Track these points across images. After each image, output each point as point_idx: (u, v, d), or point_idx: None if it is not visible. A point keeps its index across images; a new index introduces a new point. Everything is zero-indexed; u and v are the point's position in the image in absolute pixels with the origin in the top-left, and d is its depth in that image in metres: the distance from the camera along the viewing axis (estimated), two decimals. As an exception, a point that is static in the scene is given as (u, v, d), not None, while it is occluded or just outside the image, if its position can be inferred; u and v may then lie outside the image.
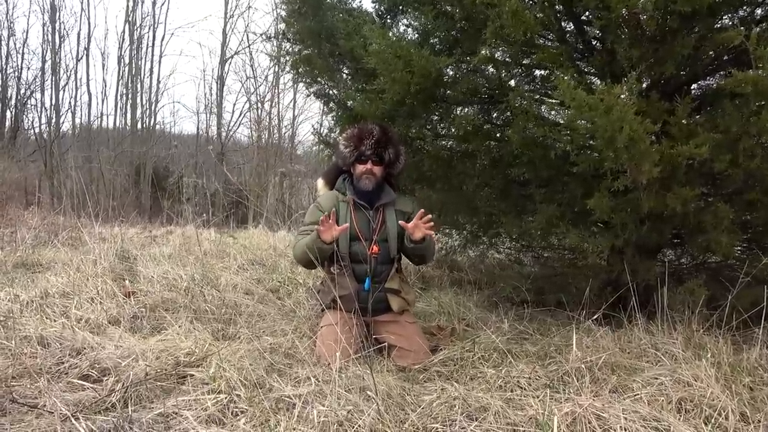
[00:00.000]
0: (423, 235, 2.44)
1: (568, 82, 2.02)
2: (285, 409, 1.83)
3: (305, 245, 2.46)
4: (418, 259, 2.70)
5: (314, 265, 2.56)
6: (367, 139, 2.51)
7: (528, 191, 3.03)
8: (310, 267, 2.64)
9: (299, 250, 2.53)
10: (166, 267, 3.68)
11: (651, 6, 1.99)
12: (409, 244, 2.50)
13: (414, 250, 2.53)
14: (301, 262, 2.59)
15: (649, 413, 1.78)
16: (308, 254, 2.43)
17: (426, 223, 2.42)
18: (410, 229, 2.45)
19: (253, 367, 2.13)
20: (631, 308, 2.56)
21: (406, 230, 2.46)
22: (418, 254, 2.60)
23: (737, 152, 2.14)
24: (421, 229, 2.43)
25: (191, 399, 1.90)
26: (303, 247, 2.48)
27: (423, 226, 2.43)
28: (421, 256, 2.63)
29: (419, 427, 1.76)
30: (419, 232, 2.44)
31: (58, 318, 2.65)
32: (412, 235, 2.45)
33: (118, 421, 1.64)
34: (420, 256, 2.64)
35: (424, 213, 2.43)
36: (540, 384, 2.13)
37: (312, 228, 2.48)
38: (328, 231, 2.39)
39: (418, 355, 2.48)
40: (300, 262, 2.59)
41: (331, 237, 2.40)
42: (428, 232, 2.43)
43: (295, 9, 3.27)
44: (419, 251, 2.55)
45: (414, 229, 2.44)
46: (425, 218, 2.42)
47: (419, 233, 2.44)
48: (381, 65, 2.57)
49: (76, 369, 2.13)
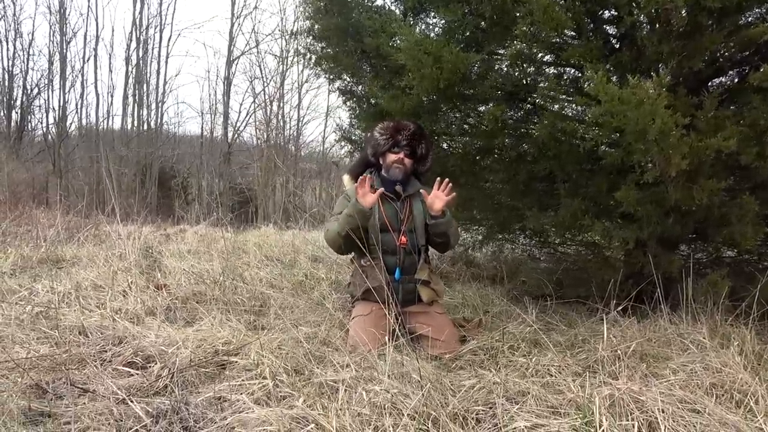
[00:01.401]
0: (443, 206, 2.48)
1: (600, 77, 2.07)
2: (330, 393, 1.88)
3: (344, 215, 2.50)
4: (442, 241, 2.65)
5: (347, 249, 2.59)
6: (404, 131, 2.59)
7: (550, 186, 3.09)
8: (344, 250, 2.65)
9: (336, 227, 2.54)
10: (191, 262, 3.74)
11: (682, 2, 2.05)
12: (430, 221, 2.53)
13: (436, 227, 2.54)
14: (335, 242, 2.58)
15: (685, 396, 1.83)
16: (345, 228, 2.45)
17: (445, 189, 2.45)
18: (430, 201, 2.49)
19: (292, 355, 2.19)
20: (655, 300, 2.62)
21: (426, 203, 2.51)
22: (440, 232, 2.57)
23: (764, 145, 2.20)
24: (441, 198, 2.47)
25: (237, 384, 1.96)
26: (341, 219, 2.51)
27: (442, 195, 2.47)
28: (444, 235, 2.60)
29: (462, 410, 1.81)
30: (439, 202, 2.47)
31: (94, 309, 2.71)
32: (432, 207, 2.49)
33: (174, 403, 1.70)
34: (442, 235, 2.60)
35: (441, 181, 2.47)
36: (571, 372, 2.18)
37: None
38: (366, 195, 2.44)
39: (449, 345, 2.53)
40: (335, 242, 2.59)
41: (370, 201, 2.45)
42: (447, 198, 2.46)
43: (321, 7, 3.32)
44: (441, 227, 2.55)
45: (434, 200, 2.48)
46: (443, 184, 2.46)
47: (439, 203, 2.47)
48: (410, 61, 2.63)
49: (120, 357, 2.18)
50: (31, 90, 15.07)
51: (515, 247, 4.64)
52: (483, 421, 1.76)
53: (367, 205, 2.44)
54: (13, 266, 3.78)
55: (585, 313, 3.06)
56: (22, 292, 2.97)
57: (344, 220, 2.49)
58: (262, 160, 13.16)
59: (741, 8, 2.28)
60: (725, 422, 1.69)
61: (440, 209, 2.49)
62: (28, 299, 2.86)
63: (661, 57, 2.24)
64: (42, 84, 14.89)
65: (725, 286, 2.57)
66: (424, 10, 3.20)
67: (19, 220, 6.05)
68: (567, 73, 2.98)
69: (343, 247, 2.60)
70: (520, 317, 2.88)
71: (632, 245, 2.67)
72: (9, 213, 6.25)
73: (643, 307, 2.70)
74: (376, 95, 3.21)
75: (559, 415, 1.77)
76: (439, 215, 2.51)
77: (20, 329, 2.38)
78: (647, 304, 2.68)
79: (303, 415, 1.64)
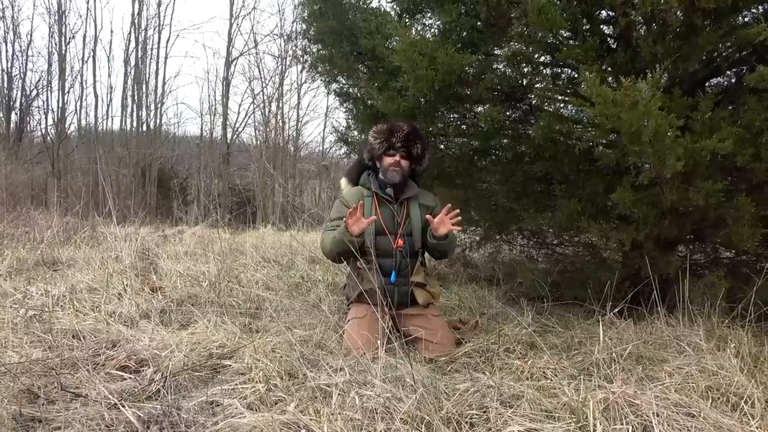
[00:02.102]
0: (447, 232, 2.48)
1: (594, 78, 2.06)
2: (323, 398, 1.87)
3: (333, 238, 2.50)
4: (440, 254, 2.73)
5: (342, 259, 2.61)
6: (398, 133, 2.57)
7: (547, 187, 3.08)
8: (338, 261, 2.68)
9: (328, 245, 2.57)
10: (187, 264, 3.73)
11: (677, 3, 2.04)
12: (432, 240, 2.54)
13: (437, 245, 2.57)
14: (329, 256, 2.63)
15: (680, 399, 1.82)
16: (337, 248, 2.48)
17: (453, 218, 2.46)
18: (435, 224, 2.48)
19: (286, 358, 2.18)
20: (652, 301, 2.61)
21: (431, 225, 2.50)
22: (440, 249, 2.63)
23: (759, 146, 2.19)
24: (446, 224, 2.47)
25: (230, 388, 1.95)
26: (331, 241, 2.52)
27: (448, 222, 2.46)
28: (443, 251, 2.67)
29: (456, 414, 1.80)
30: (444, 228, 2.47)
31: (89, 312, 2.69)
32: (437, 231, 2.49)
33: (165, 408, 1.69)
34: (442, 251, 2.67)
35: (451, 208, 2.47)
36: (566, 374, 2.17)
37: (338, 223, 2.53)
38: (356, 223, 2.43)
39: (444, 347, 2.52)
40: (329, 256, 2.64)
41: (359, 229, 2.44)
42: (454, 228, 2.47)
43: (316, 9, 3.31)
44: (442, 247, 2.59)
45: (439, 225, 2.48)
46: (452, 213, 2.46)
47: (444, 229, 2.47)
48: (406, 63, 2.62)
49: (113, 360, 2.17)
50: (30, 91, 15.07)
51: (512, 249, 4.64)
52: (476, 425, 1.75)
53: (355, 234, 2.44)
54: (8, 268, 3.77)
55: (582, 314, 3.05)
56: (17, 295, 2.96)
57: (333, 243, 2.52)
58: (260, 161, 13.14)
59: (736, 9, 2.27)
60: (720, 426, 1.68)
61: (444, 234, 2.49)
62: (22, 302, 2.85)
63: (656, 58, 2.23)
64: (41, 85, 14.90)
65: (722, 288, 2.56)
66: (420, 11, 3.19)
67: (16, 221, 6.04)
68: (564, 72, 2.97)
69: (337, 259, 2.64)
70: (516, 319, 2.88)
71: (629, 247, 2.66)
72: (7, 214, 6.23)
73: (639, 309, 2.69)
74: (372, 97, 3.20)
75: (554, 419, 1.76)
76: (442, 237, 2.50)
77: (13, 333, 2.37)
78: (644, 305, 2.67)
79: (294, 421, 1.63)
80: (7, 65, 14.50)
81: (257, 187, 13.05)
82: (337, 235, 2.48)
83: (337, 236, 2.49)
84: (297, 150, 14.87)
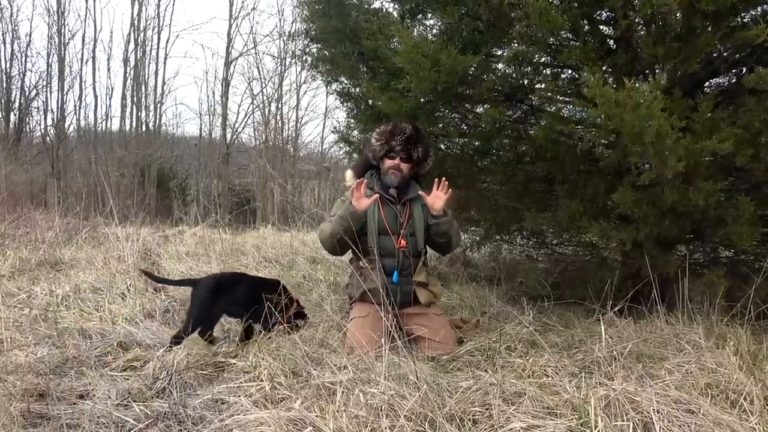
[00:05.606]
0: (443, 205, 2.51)
1: (597, 80, 2.08)
2: (327, 395, 1.89)
3: (338, 216, 2.52)
4: (444, 241, 2.66)
5: (339, 249, 2.61)
6: (399, 136, 2.58)
7: (548, 187, 3.10)
8: (336, 251, 2.67)
9: (328, 229, 2.58)
10: (189, 264, 3.74)
11: (676, 5, 2.06)
12: (432, 221, 2.55)
13: (438, 226, 2.56)
14: (328, 243, 2.61)
15: (680, 396, 1.85)
16: (338, 230, 2.49)
17: (443, 188, 2.48)
18: (430, 201, 2.52)
19: (290, 357, 2.19)
20: (652, 300, 2.63)
21: (427, 203, 2.53)
22: (442, 232, 2.59)
23: (759, 147, 2.21)
24: (440, 197, 2.50)
25: (235, 386, 1.97)
26: (335, 221, 2.54)
27: (443, 195, 2.49)
28: (446, 234, 2.60)
29: (459, 411, 1.82)
30: (439, 202, 2.50)
31: (93, 312, 2.71)
32: (433, 207, 2.52)
33: (172, 405, 1.70)
34: (444, 235, 2.61)
35: (439, 181, 2.49)
36: (567, 372, 2.19)
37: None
38: (360, 199, 2.47)
39: (446, 346, 2.54)
40: (327, 243, 2.62)
41: (364, 205, 2.48)
42: (446, 197, 2.49)
43: (318, 9, 3.33)
44: (443, 227, 2.56)
45: (434, 200, 2.51)
46: (441, 183, 2.48)
47: (439, 202, 2.50)
48: (408, 64, 2.64)
49: (118, 359, 2.19)
50: (30, 92, 15.05)
51: (513, 248, 4.65)
52: (479, 422, 1.76)
53: (360, 209, 2.46)
54: (11, 269, 3.79)
55: (582, 313, 3.07)
56: (21, 295, 2.98)
57: (337, 221, 2.53)
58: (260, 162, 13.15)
59: (735, 10, 2.29)
60: (719, 422, 1.70)
61: (441, 208, 2.52)
62: (27, 302, 2.87)
63: (656, 59, 2.25)
64: (40, 85, 14.86)
65: (721, 286, 2.58)
66: (422, 12, 3.21)
67: (17, 222, 6.04)
68: (564, 73, 2.99)
69: (336, 248, 2.62)
70: (517, 318, 2.90)
71: (629, 246, 2.68)
72: (7, 215, 6.24)
73: (639, 308, 2.71)
74: (374, 97, 3.22)
75: (555, 416, 1.78)
76: (441, 215, 2.52)
77: (19, 332, 2.39)
78: (644, 304, 2.69)
79: (300, 417, 1.65)
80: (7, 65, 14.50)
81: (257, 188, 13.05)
82: (341, 212, 2.51)
83: (341, 213, 2.52)
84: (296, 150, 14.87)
